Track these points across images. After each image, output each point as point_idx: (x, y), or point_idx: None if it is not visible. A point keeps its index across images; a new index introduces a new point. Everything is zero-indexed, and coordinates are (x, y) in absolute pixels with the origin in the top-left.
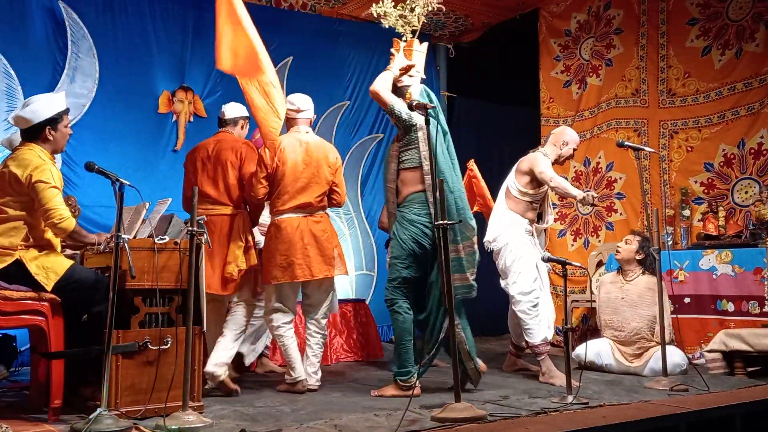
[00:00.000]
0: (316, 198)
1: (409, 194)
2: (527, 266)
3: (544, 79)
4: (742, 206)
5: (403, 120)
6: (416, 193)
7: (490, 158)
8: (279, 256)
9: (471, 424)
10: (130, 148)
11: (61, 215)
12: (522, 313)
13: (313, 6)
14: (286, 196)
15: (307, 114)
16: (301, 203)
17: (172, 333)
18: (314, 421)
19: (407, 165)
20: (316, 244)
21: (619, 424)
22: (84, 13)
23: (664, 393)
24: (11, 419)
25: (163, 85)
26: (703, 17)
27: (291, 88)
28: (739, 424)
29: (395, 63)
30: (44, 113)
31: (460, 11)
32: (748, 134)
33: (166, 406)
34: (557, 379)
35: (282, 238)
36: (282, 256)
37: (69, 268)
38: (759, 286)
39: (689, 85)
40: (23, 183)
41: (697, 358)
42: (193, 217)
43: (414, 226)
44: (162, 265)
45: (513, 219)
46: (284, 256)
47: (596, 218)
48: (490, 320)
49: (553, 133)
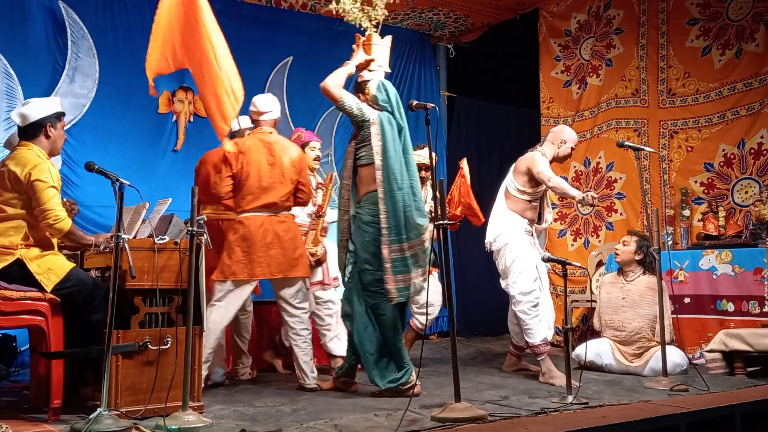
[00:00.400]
0: (281, 197)
1: (366, 194)
2: (527, 266)
3: (544, 79)
4: (742, 206)
5: (355, 115)
6: (370, 193)
7: (490, 158)
8: (240, 252)
9: (471, 424)
10: (130, 148)
11: (57, 216)
12: (522, 314)
13: (313, 6)
14: (250, 196)
15: (271, 115)
16: (266, 203)
17: (172, 333)
18: (314, 421)
19: (363, 162)
20: (279, 244)
21: (619, 424)
22: (84, 13)
23: (664, 393)
24: (11, 419)
25: (163, 85)
26: (703, 17)
27: (291, 88)
28: (739, 424)
29: (353, 59)
30: (44, 111)
31: (460, 11)
32: (748, 134)
33: (166, 406)
34: (557, 379)
35: (244, 235)
36: (243, 252)
37: (70, 270)
38: (759, 286)
39: (689, 85)
40: (22, 181)
41: (697, 358)
42: (193, 217)
43: (370, 226)
44: (162, 265)
45: (512, 219)
46: (245, 253)
47: (596, 218)
48: (490, 320)
49: (551, 131)
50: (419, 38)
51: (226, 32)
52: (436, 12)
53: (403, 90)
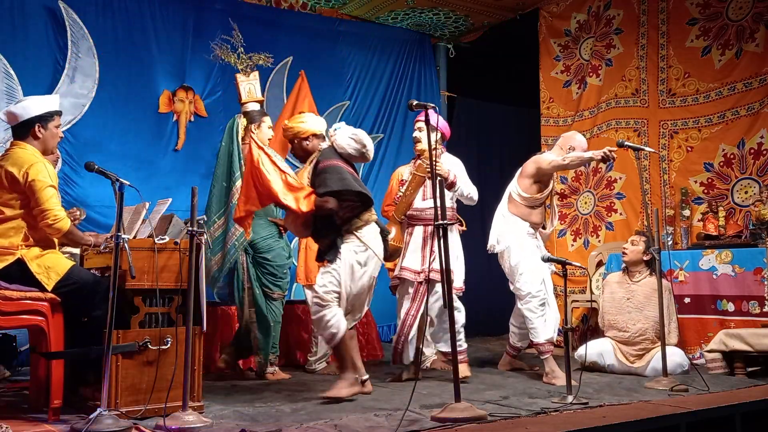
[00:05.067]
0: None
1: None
2: (533, 265)
3: (544, 79)
4: (742, 206)
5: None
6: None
7: (489, 158)
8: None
9: (471, 424)
10: (131, 148)
11: (56, 216)
12: (529, 312)
13: (313, 6)
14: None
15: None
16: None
17: (172, 333)
18: (314, 421)
19: None
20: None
21: (619, 424)
22: (84, 13)
23: (664, 393)
24: (11, 419)
25: (164, 85)
26: (703, 17)
27: (291, 87)
28: (739, 424)
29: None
30: (34, 110)
31: (460, 11)
32: (748, 134)
33: (166, 406)
34: (559, 379)
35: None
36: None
37: (70, 268)
38: (759, 286)
39: (689, 85)
40: (20, 182)
41: (697, 358)
42: (193, 217)
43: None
44: (162, 265)
45: (514, 222)
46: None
47: (596, 218)
48: (490, 320)
49: (563, 136)
50: (419, 38)
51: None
52: (436, 12)
53: (403, 90)
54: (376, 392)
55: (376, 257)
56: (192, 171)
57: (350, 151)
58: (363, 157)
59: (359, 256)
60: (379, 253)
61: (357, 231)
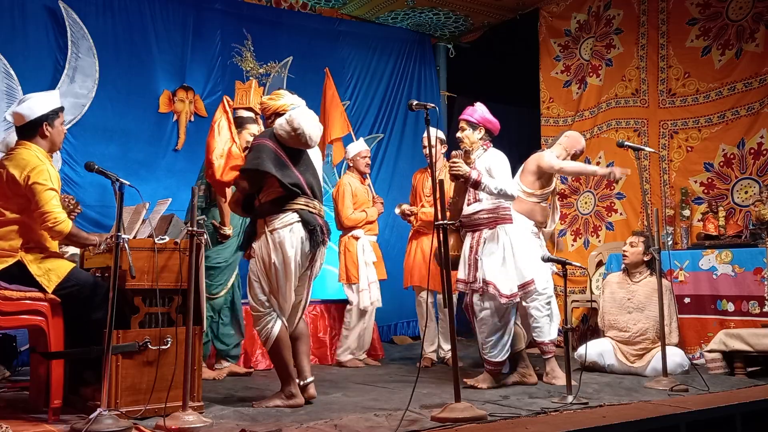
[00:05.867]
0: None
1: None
2: (539, 263)
3: (544, 79)
4: (742, 206)
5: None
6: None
7: None
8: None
9: (471, 424)
10: (131, 148)
11: (56, 218)
12: (536, 310)
13: (313, 6)
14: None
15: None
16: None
17: (172, 333)
18: (314, 421)
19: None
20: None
21: (619, 424)
22: (84, 13)
23: (664, 393)
24: (11, 419)
25: (164, 85)
26: (703, 17)
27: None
28: (739, 424)
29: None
30: (40, 109)
31: (460, 11)
32: (748, 134)
33: (166, 406)
34: (560, 380)
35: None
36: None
37: (70, 271)
38: (759, 286)
39: (689, 85)
40: (21, 184)
41: (697, 358)
42: (193, 217)
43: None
44: (162, 265)
45: (518, 220)
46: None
47: (596, 218)
48: None
49: (566, 135)
50: (419, 38)
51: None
52: (436, 12)
53: (403, 90)
54: (377, 392)
55: (294, 260)
56: (192, 171)
57: (281, 132)
58: (297, 141)
59: (274, 257)
60: (295, 257)
61: (272, 231)
